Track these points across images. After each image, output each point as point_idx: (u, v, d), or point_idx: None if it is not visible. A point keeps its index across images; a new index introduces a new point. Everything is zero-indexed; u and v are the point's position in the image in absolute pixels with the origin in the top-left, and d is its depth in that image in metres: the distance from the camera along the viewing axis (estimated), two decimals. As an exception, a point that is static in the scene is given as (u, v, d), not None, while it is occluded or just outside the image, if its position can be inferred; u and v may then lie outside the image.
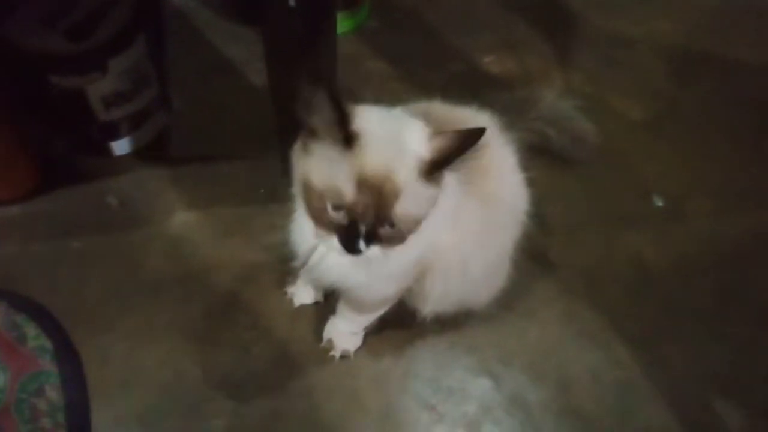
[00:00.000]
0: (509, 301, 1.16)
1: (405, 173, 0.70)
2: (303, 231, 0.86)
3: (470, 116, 0.94)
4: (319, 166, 0.73)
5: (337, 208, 0.72)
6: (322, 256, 0.85)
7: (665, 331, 1.20)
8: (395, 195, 0.70)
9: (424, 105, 0.94)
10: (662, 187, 1.40)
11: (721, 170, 1.44)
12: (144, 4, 1.19)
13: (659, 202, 1.38)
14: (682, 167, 1.45)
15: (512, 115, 1.09)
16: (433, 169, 0.71)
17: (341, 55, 1.38)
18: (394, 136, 0.73)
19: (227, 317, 1.15)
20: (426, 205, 0.74)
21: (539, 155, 1.18)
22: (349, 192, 0.70)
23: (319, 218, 0.75)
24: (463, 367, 1.13)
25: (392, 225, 0.72)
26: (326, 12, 1.04)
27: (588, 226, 1.34)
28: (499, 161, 0.93)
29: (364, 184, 0.70)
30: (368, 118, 0.73)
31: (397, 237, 0.75)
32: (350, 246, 0.73)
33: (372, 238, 0.73)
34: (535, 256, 1.27)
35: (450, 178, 0.81)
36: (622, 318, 1.21)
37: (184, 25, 1.60)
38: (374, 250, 0.74)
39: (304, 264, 0.89)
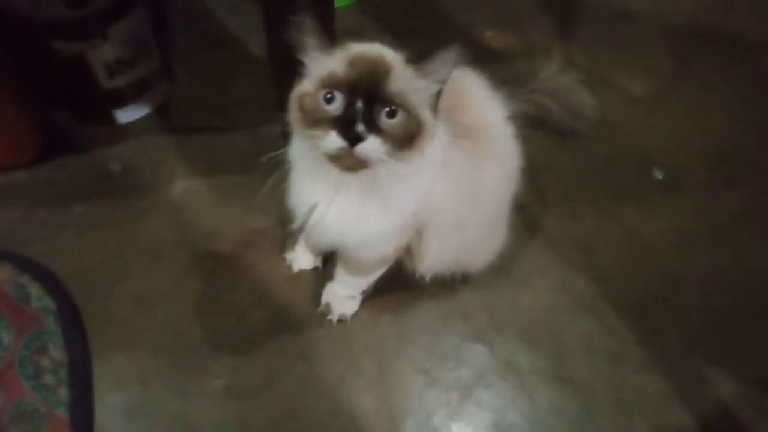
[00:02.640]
0: (504, 269, 1.18)
1: (392, 56, 0.75)
2: (302, 192, 0.87)
3: (456, 73, 0.93)
4: (313, 74, 0.76)
5: (330, 99, 0.72)
6: (321, 214, 0.86)
7: (658, 301, 1.21)
8: (386, 69, 0.73)
9: None
10: (661, 161, 1.40)
11: (719, 145, 1.44)
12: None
13: (659, 175, 1.38)
14: (680, 142, 1.45)
15: (512, 87, 1.10)
16: (420, 60, 0.73)
17: (343, 29, 1.38)
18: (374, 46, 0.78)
19: (227, 282, 1.17)
20: (419, 99, 0.74)
21: (538, 127, 1.18)
22: (341, 70, 0.73)
23: (313, 120, 0.73)
24: (458, 334, 1.15)
25: (390, 113, 0.72)
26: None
27: (585, 198, 1.34)
28: (487, 114, 0.94)
29: (356, 60, 0.74)
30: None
31: (396, 135, 0.72)
32: (349, 132, 0.70)
33: (371, 126, 0.71)
34: (531, 225, 1.29)
35: (438, 128, 0.82)
36: (616, 288, 1.22)
37: None
38: (375, 143, 0.71)
39: (303, 225, 0.90)
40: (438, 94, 0.76)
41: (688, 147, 1.44)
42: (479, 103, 0.95)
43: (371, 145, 0.71)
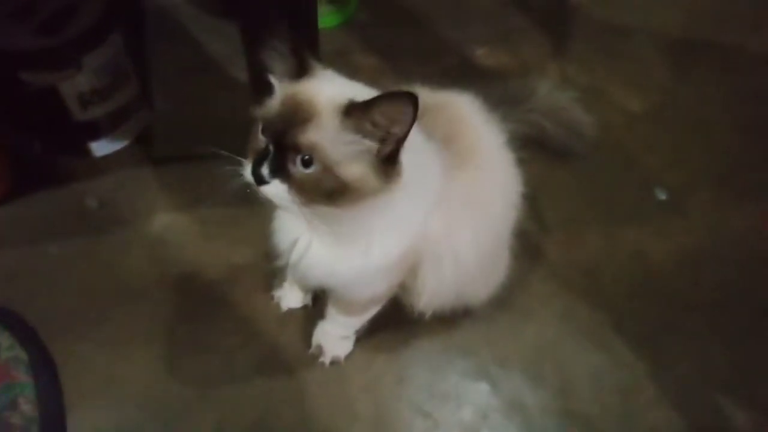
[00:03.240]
0: (506, 299, 1.12)
1: (328, 101, 0.68)
2: (281, 227, 0.83)
3: (452, 98, 0.92)
4: (272, 99, 0.73)
5: (264, 131, 0.70)
6: (304, 249, 0.81)
7: (668, 328, 1.15)
8: (308, 116, 0.67)
9: None
10: (663, 180, 1.35)
11: (723, 162, 1.40)
12: (119, -2, 1.14)
13: (662, 196, 1.33)
14: (683, 159, 1.40)
15: (507, 106, 1.06)
16: (353, 110, 0.67)
17: (330, 50, 1.34)
18: (344, 81, 0.73)
19: (211, 322, 1.11)
20: (344, 155, 0.67)
21: (535, 148, 1.14)
22: (274, 106, 0.71)
23: (250, 145, 0.72)
24: (459, 371, 1.09)
25: (304, 161, 0.67)
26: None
27: (587, 221, 1.29)
28: (485, 141, 0.90)
29: (286, 100, 0.70)
30: (329, 73, 0.73)
31: (309, 186, 0.68)
32: (254, 169, 0.68)
33: (279, 171, 0.68)
34: (532, 252, 1.23)
35: (433, 158, 0.78)
36: (623, 316, 1.16)
37: (166, 22, 1.56)
38: (277, 187, 0.68)
39: (287, 261, 0.85)
40: (393, 151, 0.68)
41: (690, 164, 1.39)
42: (476, 129, 0.91)
43: (273, 190, 0.69)
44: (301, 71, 0.71)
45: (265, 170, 0.68)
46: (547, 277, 1.20)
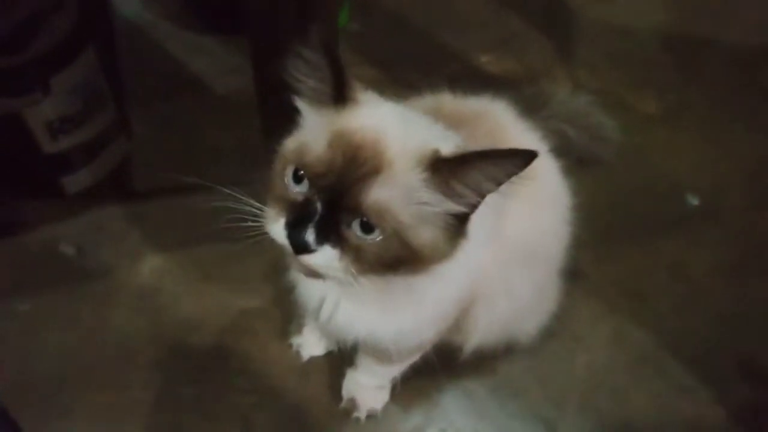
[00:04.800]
0: (549, 327, 1.00)
1: (401, 148, 0.53)
2: (305, 282, 0.70)
3: (487, 107, 0.81)
4: (305, 130, 0.58)
5: (298, 178, 0.55)
6: (334, 307, 0.68)
7: (724, 347, 1.07)
8: (375, 168, 0.52)
9: (430, 100, 0.81)
10: (692, 184, 1.29)
11: (747, 160, 1.34)
12: (90, 10, 1.00)
13: (694, 201, 1.26)
14: (707, 161, 1.34)
15: (524, 114, 0.97)
16: (448, 167, 0.52)
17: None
18: (408, 115, 0.59)
19: (220, 382, 0.98)
20: (420, 218, 0.54)
21: (557, 157, 1.05)
22: (317, 148, 0.54)
23: (275, 194, 0.57)
24: (509, 414, 0.98)
25: (365, 225, 0.53)
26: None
27: (621, 234, 1.20)
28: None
29: (339, 140, 0.54)
30: (376, 100, 0.59)
31: (367, 253, 0.54)
32: (294, 234, 0.53)
33: (329, 233, 0.53)
34: (568, 272, 1.12)
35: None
36: (675, 335, 1.08)
37: (140, 40, 1.44)
38: (326, 254, 0.54)
39: (315, 320, 0.73)
40: (469, 213, 0.56)
41: (715, 167, 1.33)
42: (520, 140, 0.81)
43: (321, 259, 0.54)
44: (340, 93, 0.56)
45: (310, 236, 0.53)
46: (590, 298, 1.11)
